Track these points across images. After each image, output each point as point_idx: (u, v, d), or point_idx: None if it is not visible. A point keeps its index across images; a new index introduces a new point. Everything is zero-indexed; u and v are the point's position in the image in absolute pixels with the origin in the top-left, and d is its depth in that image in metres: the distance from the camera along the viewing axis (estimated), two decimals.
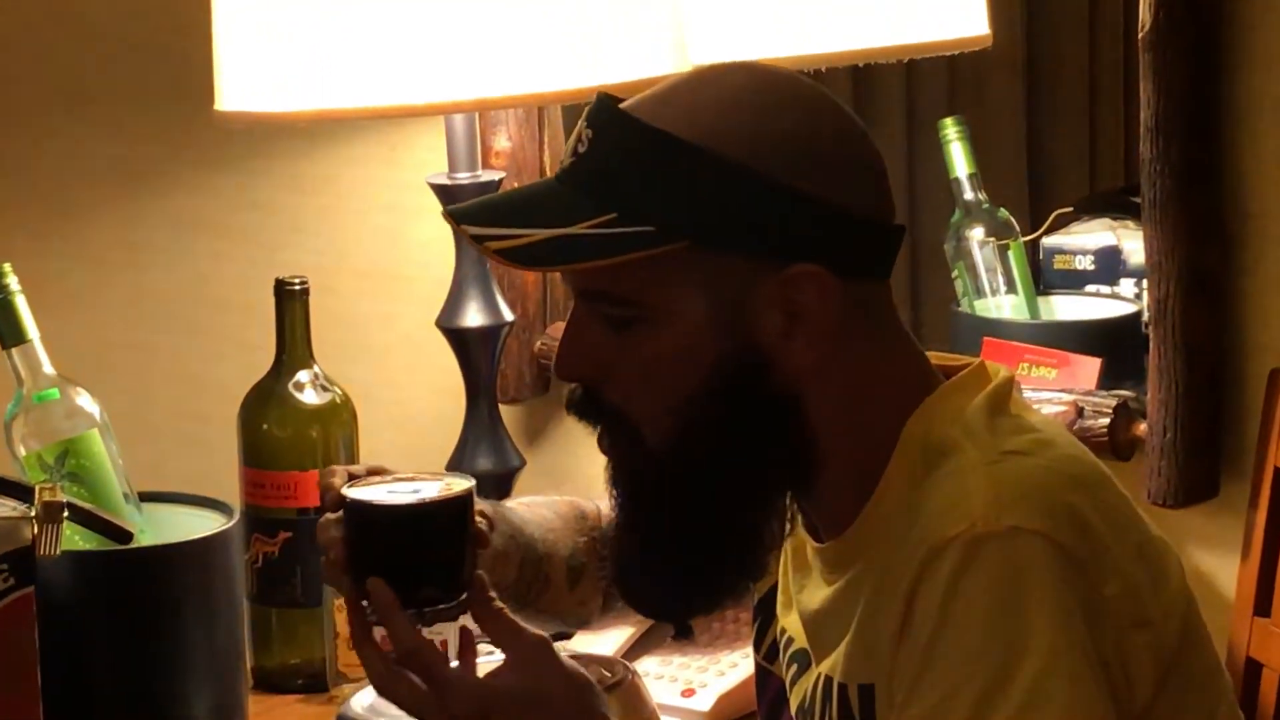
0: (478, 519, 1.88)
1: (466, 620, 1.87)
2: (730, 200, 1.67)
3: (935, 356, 1.78)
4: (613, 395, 1.72)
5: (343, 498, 1.82)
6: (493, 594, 1.81)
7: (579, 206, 1.68)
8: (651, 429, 1.71)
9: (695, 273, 1.68)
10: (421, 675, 1.76)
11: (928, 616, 1.61)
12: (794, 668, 1.83)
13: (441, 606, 1.81)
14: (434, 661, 1.76)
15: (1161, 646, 1.66)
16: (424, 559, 1.81)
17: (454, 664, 1.82)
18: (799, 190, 1.67)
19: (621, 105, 1.71)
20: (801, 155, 1.69)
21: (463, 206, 1.78)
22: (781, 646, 1.87)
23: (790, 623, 1.83)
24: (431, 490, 1.83)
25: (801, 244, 1.67)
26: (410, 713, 1.79)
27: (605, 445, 1.76)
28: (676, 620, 1.85)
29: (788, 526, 1.79)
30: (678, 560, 1.75)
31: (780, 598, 1.86)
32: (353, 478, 1.87)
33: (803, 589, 1.81)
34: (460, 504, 1.81)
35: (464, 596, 1.81)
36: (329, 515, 1.85)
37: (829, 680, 1.74)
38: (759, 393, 1.70)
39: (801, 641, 1.81)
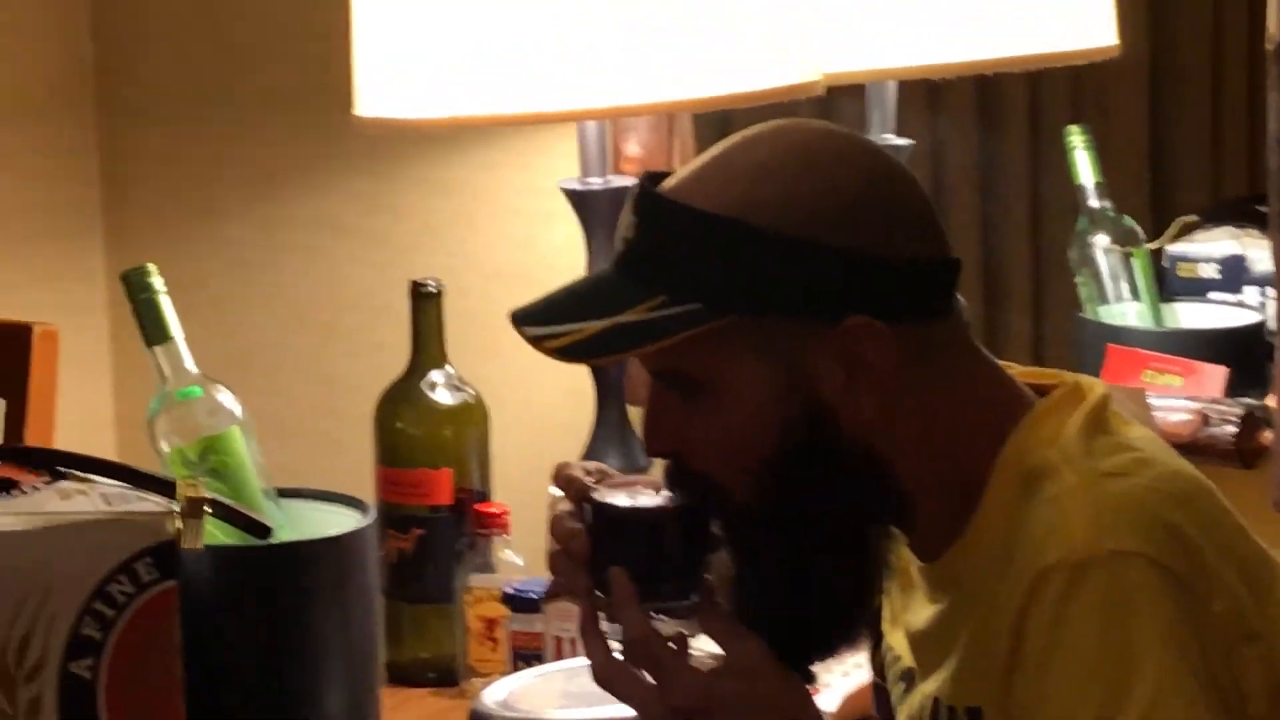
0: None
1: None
2: (769, 267, 1.69)
3: (1027, 373, 1.78)
4: (697, 463, 1.74)
5: (591, 499, 1.83)
6: (719, 597, 1.82)
7: (630, 293, 1.70)
8: (740, 491, 1.72)
9: (750, 341, 1.69)
10: (649, 665, 1.76)
11: (1037, 644, 1.61)
12: (901, 686, 1.83)
13: (673, 604, 1.82)
14: (663, 653, 1.76)
15: (1273, 659, 1.64)
16: (667, 560, 1.82)
17: None
18: (835, 247, 1.68)
19: (661, 187, 1.73)
20: (833, 212, 1.69)
21: (526, 308, 1.79)
22: (887, 664, 1.87)
23: (896, 640, 1.84)
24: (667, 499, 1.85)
25: (846, 298, 1.68)
26: (629, 702, 1.79)
27: (706, 508, 1.78)
28: (796, 669, 1.85)
29: (890, 561, 1.79)
30: (787, 613, 1.76)
31: (886, 613, 1.87)
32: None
33: (907, 607, 1.82)
34: (705, 512, 1.81)
35: (694, 598, 1.82)
36: (564, 509, 1.85)
37: (937, 702, 1.74)
38: (833, 445, 1.71)
39: (908, 660, 1.82)
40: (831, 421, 1.69)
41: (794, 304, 1.68)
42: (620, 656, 1.78)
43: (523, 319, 1.76)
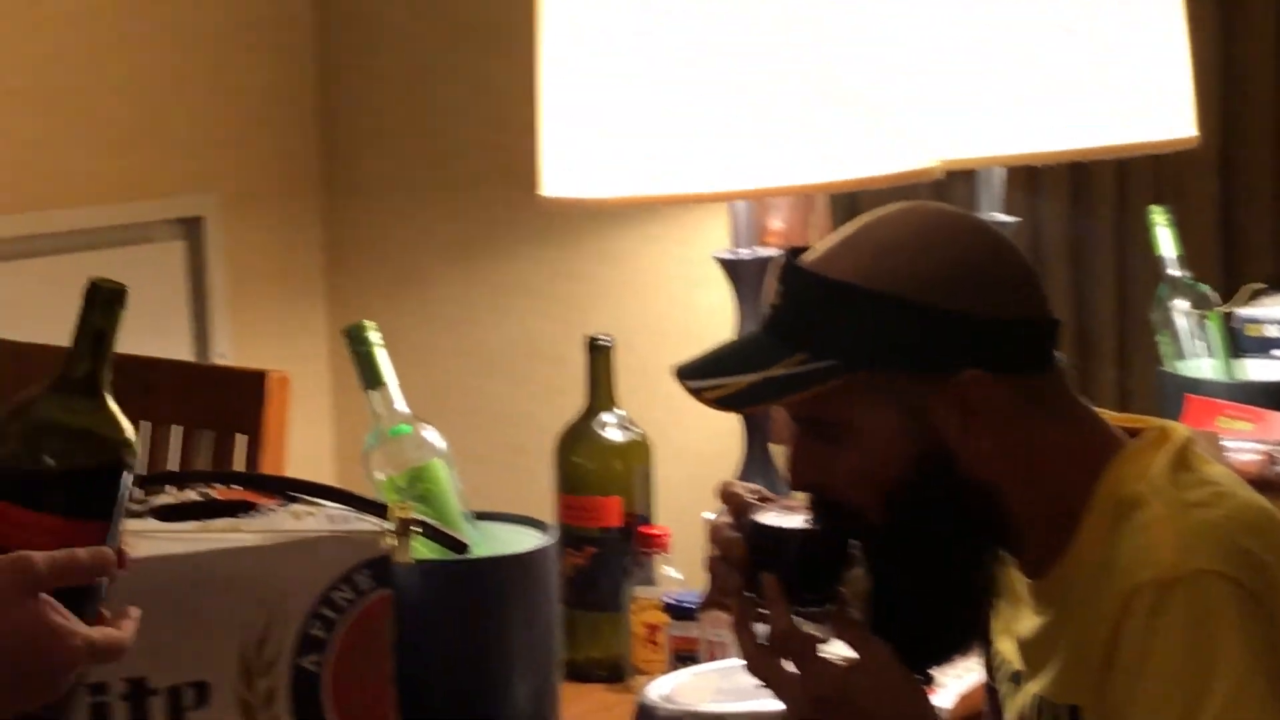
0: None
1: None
2: (895, 329, 1.70)
3: (1118, 418, 1.77)
4: (834, 494, 1.75)
5: (749, 516, 1.84)
6: (851, 607, 1.82)
7: (776, 352, 1.72)
8: (871, 516, 1.73)
9: (879, 391, 1.70)
10: (794, 657, 1.76)
11: (1130, 651, 1.61)
12: (1009, 686, 1.82)
13: (812, 610, 1.82)
14: (806, 647, 1.76)
15: None
16: (810, 572, 1.82)
17: None
18: (950, 311, 1.69)
19: (802, 259, 1.74)
20: (949, 281, 1.70)
21: (687, 363, 1.81)
22: (997, 667, 1.87)
23: (1005, 647, 1.83)
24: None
25: (962, 354, 1.69)
26: (773, 687, 1.79)
27: (844, 531, 1.79)
28: (918, 671, 1.86)
29: (999, 579, 1.80)
30: (911, 623, 1.77)
31: (996, 624, 1.85)
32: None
33: (1015, 618, 1.81)
34: (843, 534, 1.81)
35: (830, 607, 1.81)
36: (724, 521, 1.85)
37: (1041, 700, 1.74)
38: (950, 480, 1.71)
39: (1016, 664, 1.80)
40: (949, 459, 1.70)
41: (916, 360, 1.69)
42: (767, 649, 1.78)
43: (685, 373, 1.78)
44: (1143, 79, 2.52)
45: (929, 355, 1.71)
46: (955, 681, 2.34)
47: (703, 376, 1.78)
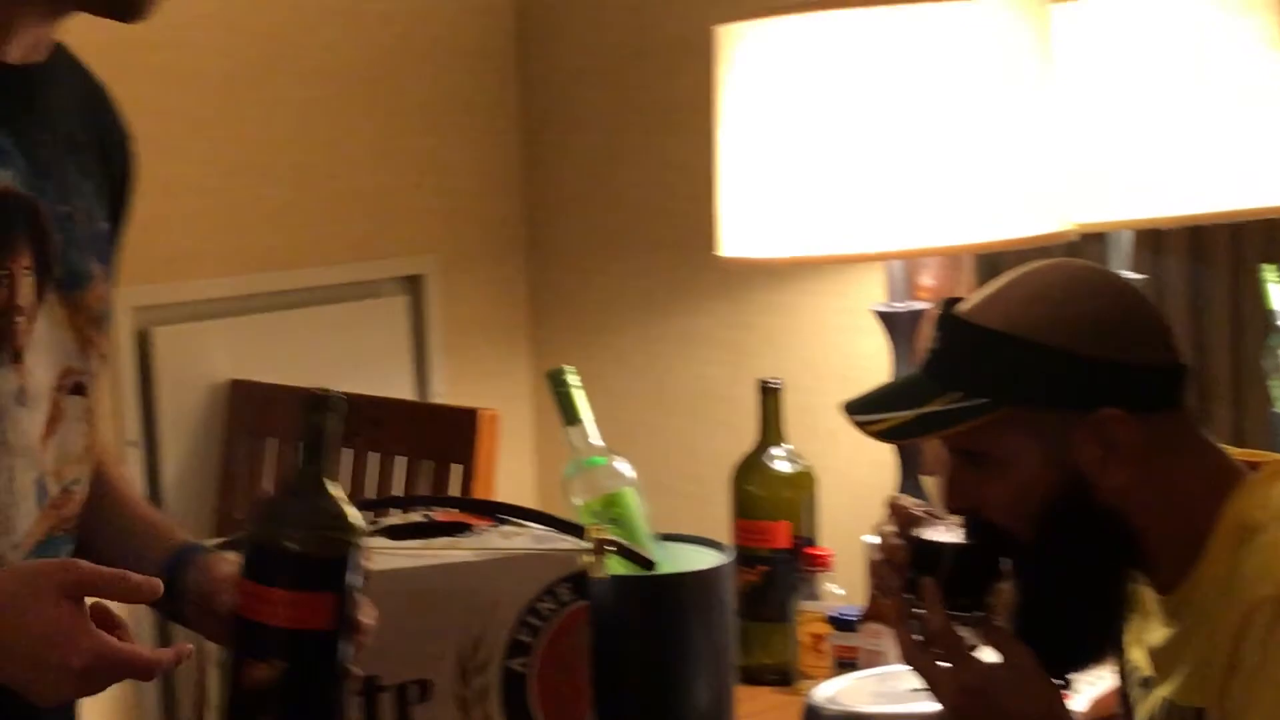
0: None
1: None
2: (1041, 372, 1.69)
3: (1239, 453, 1.75)
4: (985, 517, 1.74)
5: (914, 532, 1.83)
6: (997, 615, 1.80)
7: (933, 390, 1.73)
8: (1019, 537, 1.72)
9: (1025, 426, 1.69)
10: (946, 652, 1.75)
11: (1250, 660, 1.59)
12: (1140, 691, 1.80)
13: (963, 615, 1.80)
14: (958, 643, 1.75)
15: None
16: (964, 582, 1.81)
17: None
18: (1094, 357, 1.68)
19: (957, 309, 1.74)
20: (1088, 330, 1.69)
21: (853, 400, 1.81)
22: (1129, 673, 1.84)
23: (1137, 655, 1.81)
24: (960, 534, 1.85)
25: (1101, 395, 1.68)
26: (926, 676, 1.78)
27: (996, 549, 1.78)
28: (1058, 676, 1.84)
29: (1131, 595, 1.77)
30: (1053, 632, 1.76)
31: (1128, 635, 1.83)
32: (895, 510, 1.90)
33: (1146, 630, 1.79)
34: (995, 551, 1.80)
35: (982, 612, 1.81)
36: (890, 530, 1.85)
37: (1168, 702, 1.72)
38: (1088, 506, 1.70)
39: (1146, 670, 1.78)
40: (1088, 489, 1.69)
41: (1058, 400, 1.68)
42: (923, 643, 1.78)
43: (851, 409, 1.79)
44: (1254, 150, 2.48)
45: (1070, 395, 1.69)
46: (1090, 687, 2.31)
47: (867, 412, 1.79)
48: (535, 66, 3.39)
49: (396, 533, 2.16)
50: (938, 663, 1.77)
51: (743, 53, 2.47)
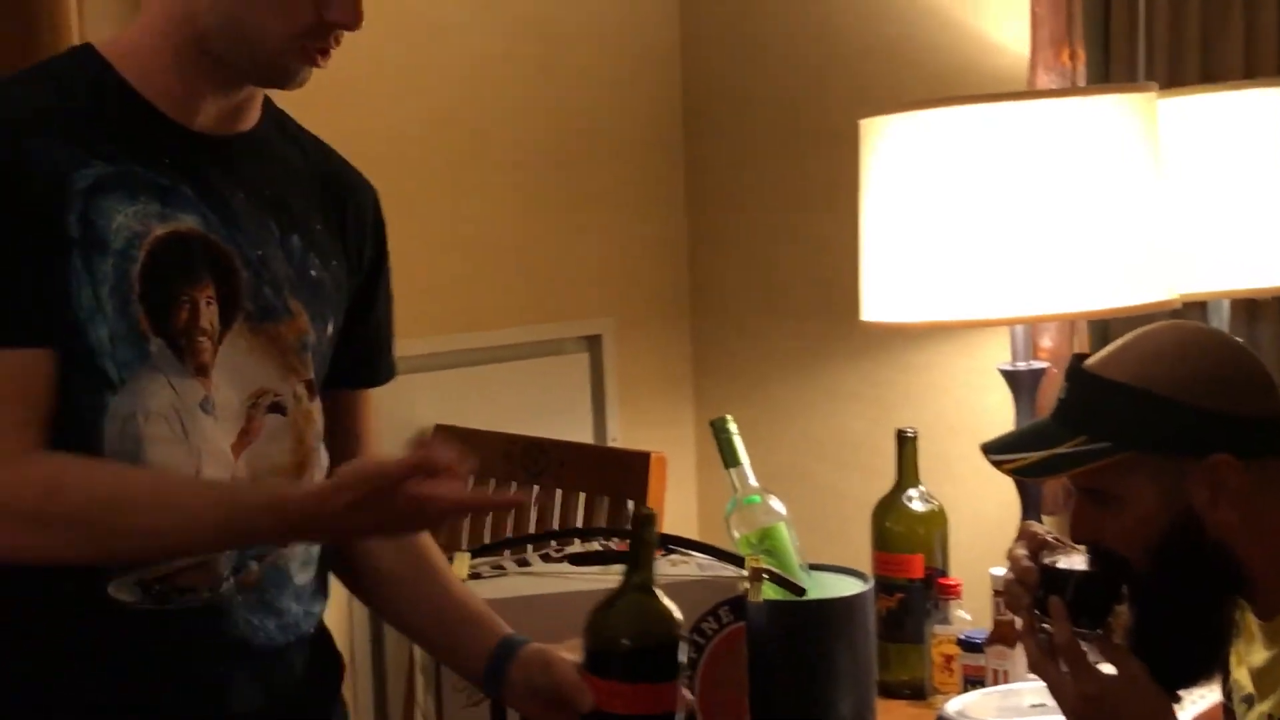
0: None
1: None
2: (1159, 421, 1.68)
3: None
4: (1106, 547, 1.73)
5: (1043, 558, 1.81)
6: (1116, 634, 1.78)
7: (1061, 435, 1.72)
8: (1137, 566, 1.71)
9: (1143, 469, 1.68)
10: (1069, 662, 1.74)
11: None
12: (1243, 707, 1.76)
13: (1085, 633, 1.79)
14: (1081, 656, 1.74)
15: None
16: (1086, 603, 1.79)
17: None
18: (1207, 408, 1.66)
19: (1086, 363, 1.74)
20: (1207, 384, 1.68)
21: (991, 442, 1.81)
22: (1233, 691, 1.81)
23: (1240, 675, 1.77)
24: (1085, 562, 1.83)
25: (1212, 442, 1.66)
26: (1049, 681, 1.77)
27: (1116, 575, 1.75)
28: (1169, 690, 1.82)
29: (1236, 620, 1.75)
30: (1167, 649, 1.74)
31: (1233, 657, 1.80)
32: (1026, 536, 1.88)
33: (1249, 652, 1.76)
34: (1115, 577, 1.79)
35: (1101, 630, 1.79)
36: (1021, 553, 1.83)
37: (1269, 718, 1.69)
38: (1200, 540, 1.68)
39: (1248, 688, 1.75)
40: (1200, 525, 1.67)
41: (1175, 446, 1.67)
42: (1048, 654, 1.77)
43: (989, 449, 1.79)
44: None
45: (1184, 442, 1.67)
46: (1197, 702, 2.26)
47: (1003, 452, 1.78)
48: (700, 154, 3.41)
49: (578, 560, 2.17)
50: (1062, 673, 1.75)
51: (884, 141, 2.48)
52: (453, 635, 1.87)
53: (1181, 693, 1.81)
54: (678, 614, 1.72)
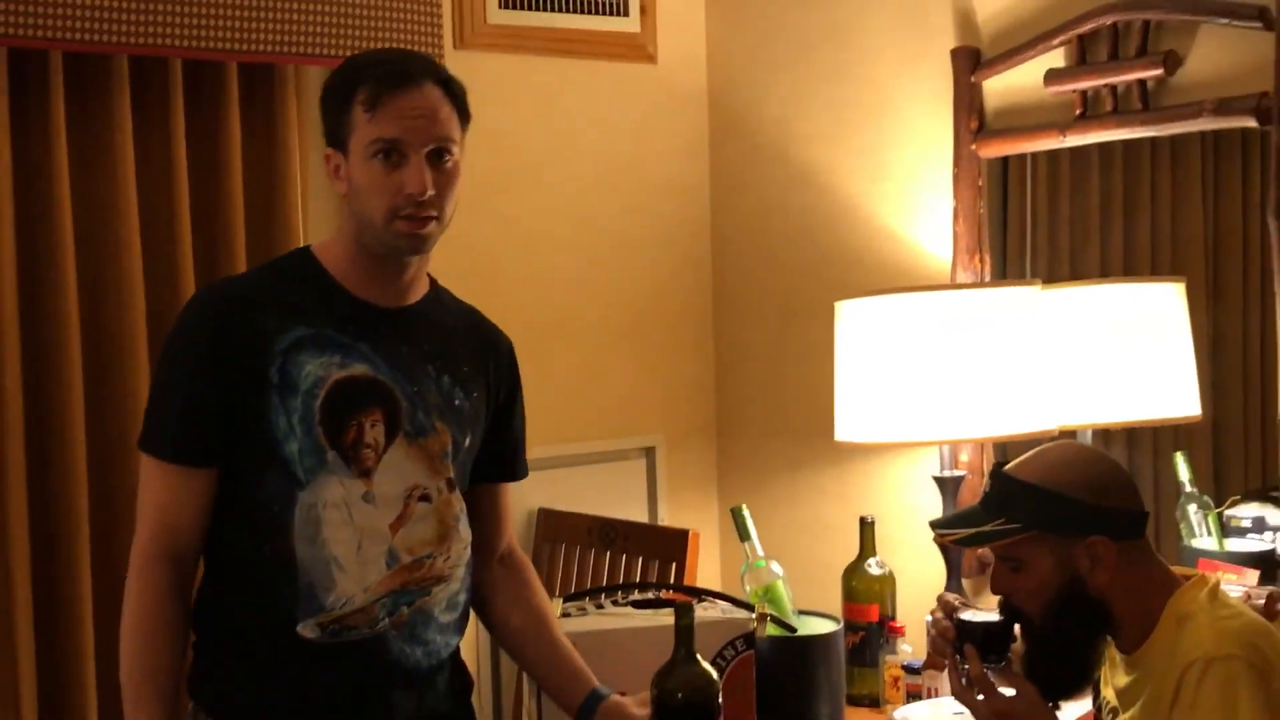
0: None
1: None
2: (1057, 511, 1.67)
3: (1177, 569, 1.74)
4: (1014, 600, 1.72)
5: (954, 613, 1.82)
6: (1013, 664, 1.78)
7: (986, 518, 1.71)
8: (1034, 615, 1.71)
9: (1044, 544, 1.68)
10: (983, 690, 1.74)
11: (1185, 701, 1.57)
12: (1110, 717, 1.77)
13: (991, 666, 1.78)
14: (989, 684, 1.74)
15: None
16: (990, 646, 1.78)
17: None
18: (1090, 503, 1.67)
19: (1005, 468, 1.73)
20: (1090, 486, 1.68)
21: (937, 520, 1.82)
22: (1102, 704, 1.81)
23: (1108, 693, 1.78)
24: (994, 617, 1.82)
25: (1094, 527, 1.66)
26: (970, 708, 1.76)
27: (1020, 624, 1.75)
28: (1054, 699, 1.82)
29: (1104, 653, 1.75)
30: (1051, 673, 1.73)
31: (1102, 678, 1.80)
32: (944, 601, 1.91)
33: (1114, 676, 1.76)
34: (1011, 627, 1.80)
35: (1003, 663, 1.79)
36: (940, 615, 1.82)
37: None
38: (1083, 597, 1.68)
39: (1114, 702, 1.75)
40: (1083, 585, 1.67)
41: (1066, 528, 1.67)
42: (967, 686, 1.78)
43: (937, 525, 1.80)
44: (1158, 374, 2.44)
45: (1074, 526, 1.67)
46: (1072, 710, 2.21)
47: (946, 528, 1.77)
48: (725, 323, 3.34)
49: (639, 604, 2.18)
50: (977, 698, 1.75)
51: (851, 316, 2.49)
52: (557, 680, 1.85)
53: (1063, 704, 1.80)
54: (714, 674, 1.76)
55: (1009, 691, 1.78)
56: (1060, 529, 1.67)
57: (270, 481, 1.62)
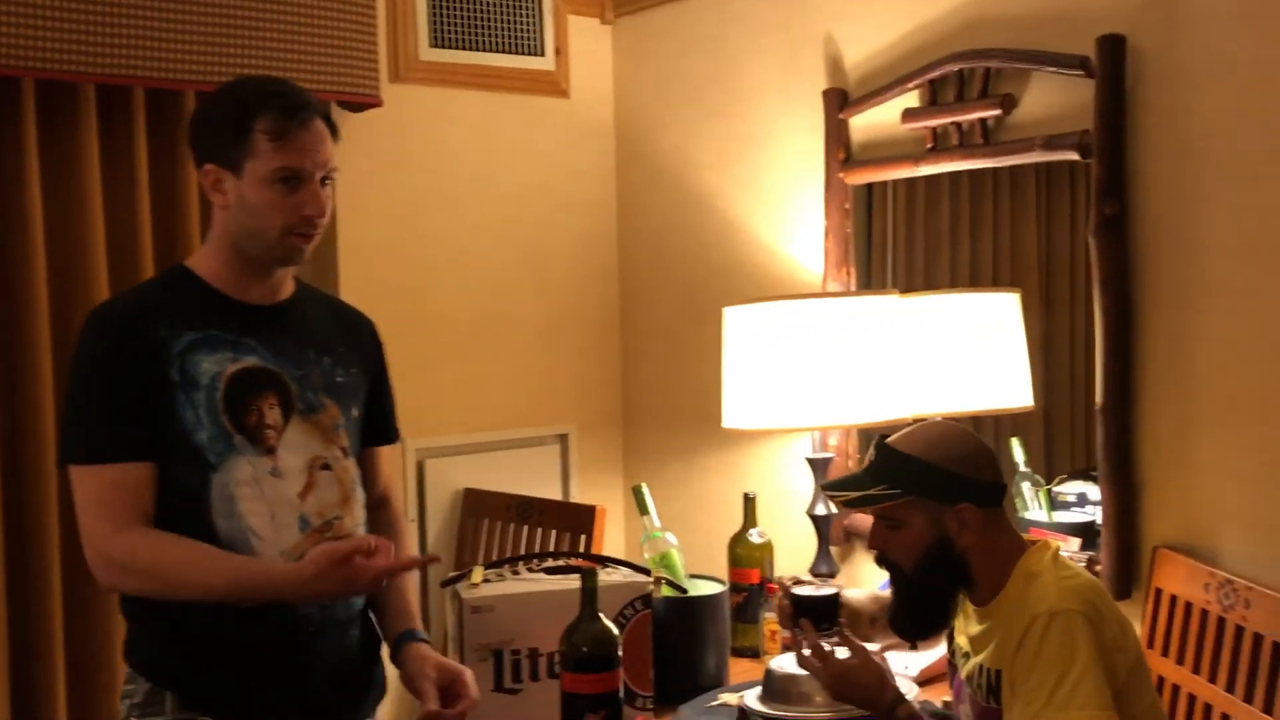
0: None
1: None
2: (931, 480, 1.66)
3: (1024, 536, 1.74)
4: (889, 556, 1.71)
5: (790, 592, 1.85)
6: (847, 631, 1.80)
7: (870, 483, 1.69)
8: (905, 567, 1.70)
9: (919, 508, 1.67)
10: (820, 658, 1.74)
11: (1030, 647, 1.57)
12: (963, 660, 1.77)
13: (826, 629, 1.81)
14: (827, 653, 1.74)
15: (1128, 661, 1.60)
16: (823, 616, 1.82)
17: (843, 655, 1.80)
18: (959, 474, 1.66)
19: (889, 440, 1.72)
20: (961, 459, 1.67)
21: (829, 482, 1.79)
22: (956, 648, 1.81)
23: (961, 640, 1.78)
24: (827, 590, 1.85)
25: (963, 495, 1.66)
26: (812, 672, 1.76)
27: (889, 573, 1.74)
28: (913, 641, 1.82)
29: (960, 603, 1.75)
30: (914, 617, 1.73)
31: (958, 625, 1.80)
32: (794, 580, 1.92)
33: (967, 624, 1.76)
34: (838, 597, 1.83)
35: (835, 629, 1.82)
36: (781, 594, 1.83)
37: (981, 666, 1.69)
38: (950, 555, 1.67)
39: (966, 649, 1.76)
40: (950, 545, 1.66)
41: (940, 496, 1.65)
42: (808, 655, 1.78)
43: (827, 487, 1.76)
44: (997, 371, 2.45)
45: (945, 494, 1.66)
46: (923, 656, 2.25)
47: (835, 489, 1.74)
48: (629, 326, 3.33)
49: (552, 571, 2.15)
50: (817, 664, 1.76)
51: (737, 321, 2.47)
52: (387, 613, 1.80)
53: (920, 645, 1.83)
54: (615, 630, 1.76)
55: (844, 653, 1.78)
56: (934, 495, 1.67)
57: (185, 468, 1.60)
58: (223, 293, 1.66)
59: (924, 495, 1.67)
